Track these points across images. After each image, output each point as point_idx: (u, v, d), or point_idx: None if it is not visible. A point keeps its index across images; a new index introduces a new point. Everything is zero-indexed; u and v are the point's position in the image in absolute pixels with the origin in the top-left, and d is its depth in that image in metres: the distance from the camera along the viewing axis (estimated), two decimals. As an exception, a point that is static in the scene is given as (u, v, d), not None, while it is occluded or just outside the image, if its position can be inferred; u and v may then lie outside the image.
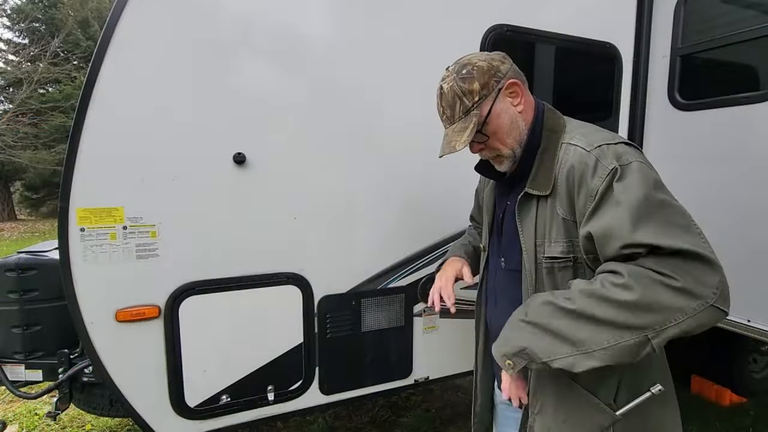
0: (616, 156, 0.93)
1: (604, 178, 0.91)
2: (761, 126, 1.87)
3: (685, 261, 0.84)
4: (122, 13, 1.41)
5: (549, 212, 1.02)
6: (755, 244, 1.88)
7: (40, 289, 1.91)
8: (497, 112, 1.06)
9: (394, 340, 1.95)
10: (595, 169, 0.93)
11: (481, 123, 1.05)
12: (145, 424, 1.59)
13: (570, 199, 0.98)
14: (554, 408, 1.03)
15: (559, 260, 1.01)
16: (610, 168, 0.91)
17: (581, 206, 0.95)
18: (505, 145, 1.08)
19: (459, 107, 1.05)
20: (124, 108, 1.46)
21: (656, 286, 0.83)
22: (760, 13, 1.92)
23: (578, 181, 0.95)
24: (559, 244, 1.00)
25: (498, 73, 1.05)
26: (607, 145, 0.95)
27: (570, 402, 1.01)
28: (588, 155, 0.95)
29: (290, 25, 1.65)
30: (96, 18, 15.19)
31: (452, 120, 1.08)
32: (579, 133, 1.03)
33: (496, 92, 1.05)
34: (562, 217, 0.99)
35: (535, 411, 1.07)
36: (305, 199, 1.73)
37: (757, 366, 3.05)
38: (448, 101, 1.07)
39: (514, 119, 1.07)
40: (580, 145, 0.98)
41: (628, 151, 0.95)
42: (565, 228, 0.99)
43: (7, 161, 13.31)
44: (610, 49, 2.23)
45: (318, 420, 2.79)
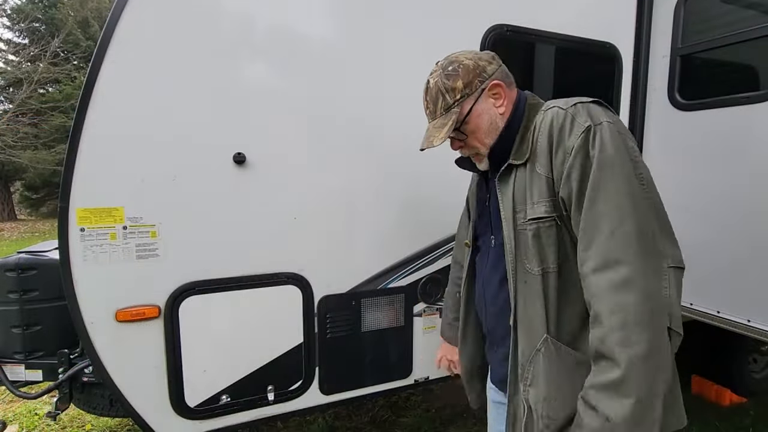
0: (589, 114, 0.96)
1: (579, 136, 0.94)
2: (761, 126, 1.87)
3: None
4: (122, 13, 1.42)
5: (528, 176, 1.03)
6: (755, 244, 1.88)
7: (40, 289, 1.91)
8: (477, 112, 1.08)
9: (394, 340, 1.95)
10: (571, 126, 0.96)
11: (459, 121, 1.08)
12: (145, 424, 1.59)
13: (549, 156, 1.00)
14: (545, 375, 1.02)
15: (544, 219, 1.01)
16: (585, 126, 0.94)
17: (558, 164, 0.98)
18: (483, 144, 1.11)
19: (441, 103, 1.08)
20: (124, 108, 1.46)
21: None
22: (760, 13, 1.92)
23: (556, 137, 0.98)
24: (541, 204, 1.01)
25: (483, 73, 1.07)
26: (582, 104, 0.99)
27: (560, 366, 1.01)
28: (564, 113, 0.98)
29: (290, 25, 1.65)
30: (96, 18, 15.21)
31: (434, 115, 1.10)
32: (554, 101, 1.06)
33: (479, 92, 1.07)
34: (544, 177, 1.00)
35: (528, 383, 1.05)
36: (305, 199, 1.73)
37: (757, 366, 3.05)
38: (432, 96, 1.10)
39: (493, 120, 1.09)
40: (557, 105, 1.02)
41: (600, 110, 0.98)
42: (546, 187, 1.00)
43: (7, 161, 13.32)
44: (610, 49, 2.23)
45: (318, 420, 2.79)
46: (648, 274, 0.88)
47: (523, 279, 1.05)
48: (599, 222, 0.91)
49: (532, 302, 1.04)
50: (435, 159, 1.93)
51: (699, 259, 2.08)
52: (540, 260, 1.02)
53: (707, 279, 2.06)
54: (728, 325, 1.96)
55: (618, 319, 0.87)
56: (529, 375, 1.05)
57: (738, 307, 1.94)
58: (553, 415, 1.00)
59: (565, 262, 1.01)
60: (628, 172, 0.93)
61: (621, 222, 0.89)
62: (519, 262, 1.06)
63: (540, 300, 1.02)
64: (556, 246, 1.01)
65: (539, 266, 1.02)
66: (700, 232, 2.08)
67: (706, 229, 2.06)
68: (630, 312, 0.86)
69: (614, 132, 0.94)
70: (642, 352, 0.85)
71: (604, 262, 0.90)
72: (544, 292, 1.02)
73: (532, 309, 1.04)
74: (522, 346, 1.06)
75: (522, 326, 1.06)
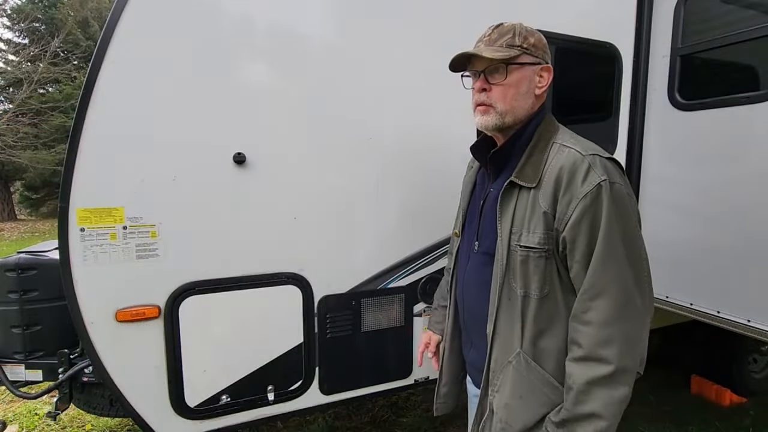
0: (605, 170, 1.00)
1: (593, 186, 0.98)
2: (761, 126, 1.87)
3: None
4: (122, 13, 1.41)
5: (530, 203, 1.06)
6: (755, 244, 1.88)
7: (40, 289, 1.90)
8: (525, 73, 1.09)
9: (394, 340, 1.95)
10: (586, 175, 0.99)
11: (510, 62, 1.07)
12: (145, 424, 1.59)
13: (555, 195, 1.03)
14: (512, 385, 1.10)
15: (535, 250, 1.05)
16: (600, 180, 0.98)
17: (563, 205, 1.01)
18: (504, 101, 1.10)
19: (507, 38, 1.08)
20: (124, 108, 1.46)
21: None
22: (760, 13, 1.92)
23: (567, 179, 1.01)
24: (536, 235, 1.05)
25: (547, 56, 1.13)
26: (600, 157, 1.02)
27: (527, 380, 1.08)
28: (582, 159, 1.01)
29: (290, 25, 1.65)
30: (96, 18, 15.21)
31: (491, 43, 1.09)
32: (572, 138, 1.09)
33: (537, 61, 1.10)
34: (543, 210, 1.04)
35: (495, 389, 1.13)
36: (305, 199, 1.73)
37: (757, 366, 3.05)
38: (501, 30, 1.10)
39: (528, 93, 1.11)
40: (576, 149, 1.04)
41: (615, 171, 1.03)
42: (545, 221, 1.04)
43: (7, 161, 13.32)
44: (610, 49, 2.23)
45: (318, 420, 2.79)
46: (639, 331, 1.01)
47: (507, 296, 1.11)
48: (612, 281, 0.98)
49: (511, 319, 1.11)
50: (435, 159, 1.93)
51: (699, 259, 2.09)
52: (524, 284, 1.08)
53: (707, 279, 2.06)
54: (728, 325, 1.96)
55: (612, 366, 0.97)
56: (498, 382, 1.13)
57: (738, 307, 1.94)
58: (511, 421, 1.09)
59: (551, 293, 1.07)
60: (634, 236, 1.01)
61: (629, 286, 0.99)
62: (507, 280, 1.11)
63: (519, 320, 1.09)
64: (540, 276, 1.06)
65: (522, 289, 1.08)
66: (700, 232, 2.08)
67: (706, 228, 2.06)
68: (611, 360, 0.97)
69: (625, 195, 1.01)
70: (626, 393, 0.98)
71: (611, 319, 0.98)
72: (522, 314, 1.09)
73: (509, 325, 1.11)
74: (496, 354, 1.14)
75: (498, 337, 1.13)
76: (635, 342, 1.00)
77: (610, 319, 0.98)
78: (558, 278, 1.07)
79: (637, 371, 1.01)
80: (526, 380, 1.08)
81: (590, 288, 1.00)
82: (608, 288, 0.98)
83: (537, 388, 1.08)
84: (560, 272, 1.06)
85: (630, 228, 1.01)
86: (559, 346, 1.07)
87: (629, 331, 0.98)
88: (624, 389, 0.98)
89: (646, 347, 1.03)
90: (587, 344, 1.00)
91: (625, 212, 1.00)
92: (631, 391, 0.99)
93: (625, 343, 0.97)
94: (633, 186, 2.34)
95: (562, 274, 1.06)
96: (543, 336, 1.08)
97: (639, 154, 2.33)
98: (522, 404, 1.08)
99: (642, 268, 1.02)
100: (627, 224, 1.00)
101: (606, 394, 0.97)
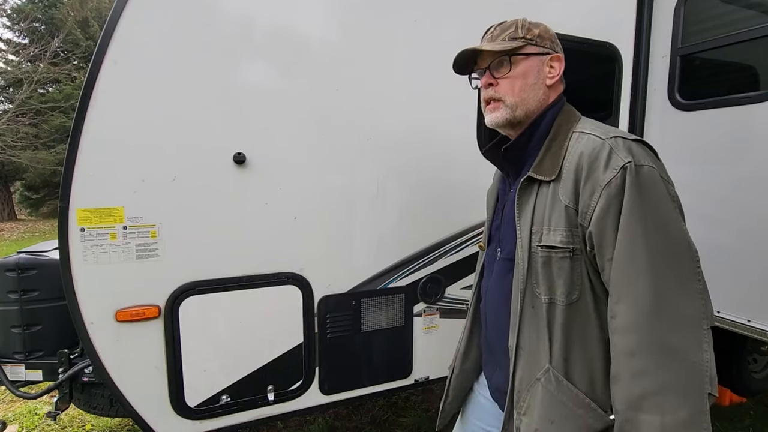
0: (630, 151, 0.88)
1: (616, 171, 0.86)
2: (761, 126, 1.87)
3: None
4: (122, 13, 1.41)
5: (550, 199, 0.96)
6: (755, 244, 1.88)
7: (40, 289, 1.91)
8: (531, 63, 1.03)
9: (394, 340, 1.95)
10: (608, 159, 0.88)
11: (514, 53, 1.02)
12: (145, 424, 1.59)
13: (576, 186, 0.92)
14: (541, 406, 0.96)
15: (558, 250, 0.94)
16: (623, 162, 0.86)
17: (586, 196, 0.90)
18: (513, 94, 1.03)
19: (510, 32, 1.03)
20: (124, 108, 1.46)
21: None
22: (760, 13, 1.92)
23: (588, 167, 0.91)
24: (558, 233, 0.94)
25: (556, 45, 1.06)
26: (624, 139, 0.91)
27: (559, 401, 0.95)
28: (602, 143, 0.91)
29: (291, 25, 1.65)
30: (96, 18, 15.21)
31: (494, 39, 1.05)
32: (593, 125, 1.00)
33: (545, 51, 1.04)
34: (565, 205, 0.93)
35: (522, 412, 1.00)
36: (305, 199, 1.73)
37: (757, 366, 3.05)
38: (504, 25, 1.05)
39: (538, 83, 1.04)
40: (594, 134, 0.94)
41: (642, 152, 0.90)
42: (566, 216, 0.93)
43: (7, 161, 13.32)
44: (610, 49, 2.23)
45: (318, 420, 2.79)
46: (685, 340, 0.83)
47: (530, 303, 1.00)
48: (635, 280, 0.84)
49: (536, 330, 0.98)
50: (435, 160, 1.93)
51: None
52: (548, 288, 0.96)
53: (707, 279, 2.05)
54: (728, 325, 1.96)
55: (650, 383, 0.82)
56: (524, 404, 1.00)
57: (738, 307, 1.94)
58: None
59: (581, 299, 0.94)
60: (670, 226, 0.86)
61: (661, 284, 0.83)
62: (529, 285, 0.99)
63: (545, 330, 0.96)
64: (567, 280, 0.94)
65: (547, 295, 0.96)
66: (699, 231, 2.07)
67: (707, 229, 2.05)
68: (663, 376, 0.81)
69: (657, 178, 0.87)
70: (684, 418, 0.80)
71: (637, 325, 0.83)
72: (548, 323, 0.96)
73: (536, 336, 0.98)
74: (521, 373, 1.01)
75: (523, 352, 1.01)
76: (682, 355, 0.81)
77: (636, 325, 0.83)
78: (588, 282, 0.94)
79: (708, 392, 0.82)
80: (557, 401, 0.94)
81: (615, 289, 0.87)
82: (633, 288, 0.84)
83: (571, 410, 0.93)
84: (590, 275, 0.93)
85: (663, 215, 0.85)
86: (593, 361, 0.94)
87: (666, 340, 0.81)
88: (678, 415, 0.79)
89: (710, 363, 0.83)
90: (615, 356, 0.87)
91: (656, 197, 0.85)
92: (697, 417, 0.81)
93: (661, 355, 0.81)
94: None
95: (592, 276, 0.93)
96: (574, 349, 0.94)
97: (639, 154, 2.33)
98: (554, 430, 0.94)
99: (683, 263, 0.85)
100: (659, 211, 0.85)
101: (656, 420, 0.80)
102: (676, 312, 0.83)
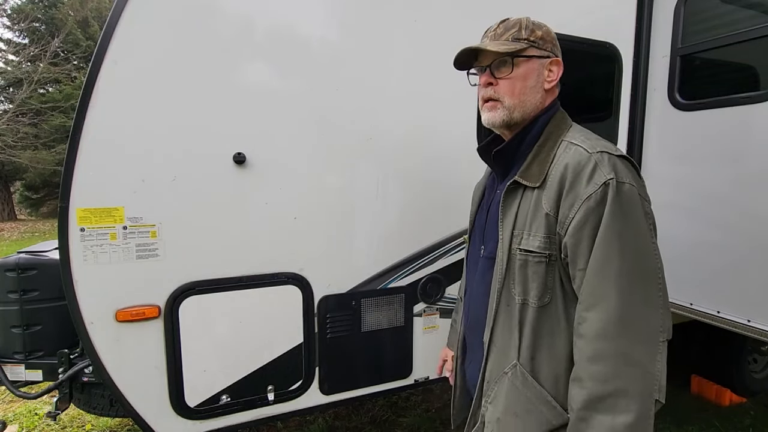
0: (614, 168, 0.92)
1: (598, 186, 0.90)
2: (761, 126, 1.87)
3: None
4: (122, 13, 1.41)
5: (533, 205, 1.00)
6: (755, 244, 1.88)
7: (40, 289, 1.90)
8: (533, 66, 1.04)
9: (394, 340, 1.95)
10: (592, 174, 0.92)
11: (516, 55, 1.02)
12: (145, 424, 1.59)
13: (558, 196, 0.96)
14: (506, 399, 1.03)
15: (535, 254, 0.99)
16: (606, 178, 0.90)
17: (566, 207, 0.94)
18: (512, 95, 1.05)
19: (513, 32, 1.03)
20: (125, 108, 1.46)
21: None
22: (760, 13, 1.92)
23: (571, 179, 0.94)
24: (537, 238, 0.98)
25: (557, 49, 1.07)
26: (609, 155, 0.94)
27: (523, 396, 1.01)
28: (589, 157, 0.94)
29: (291, 25, 1.65)
30: (96, 18, 15.21)
31: (497, 37, 1.05)
32: (582, 135, 1.02)
33: (546, 54, 1.05)
34: (546, 212, 0.97)
35: (489, 400, 1.08)
36: (305, 199, 1.73)
37: (757, 366, 3.05)
38: (507, 24, 1.05)
39: (537, 87, 1.05)
40: (582, 146, 0.97)
41: (625, 170, 0.94)
42: (546, 223, 0.97)
43: (7, 161, 13.33)
44: (610, 49, 2.23)
45: (318, 420, 2.79)
46: (644, 351, 0.89)
47: (506, 302, 1.06)
48: (607, 292, 0.89)
49: (509, 327, 1.05)
50: (435, 160, 1.93)
51: (699, 259, 2.08)
52: (523, 290, 1.02)
53: (707, 279, 2.06)
54: (728, 325, 1.96)
55: (608, 387, 0.88)
56: (492, 393, 1.07)
57: (738, 307, 1.94)
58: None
59: (552, 303, 1.00)
60: (643, 244, 0.91)
61: (629, 299, 0.88)
62: (506, 285, 1.05)
63: (516, 328, 1.03)
64: (541, 283, 0.99)
65: (521, 296, 1.02)
66: (700, 232, 2.08)
67: (706, 229, 2.05)
68: (603, 378, 0.88)
69: (636, 197, 0.91)
70: (631, 421, 0.85)
71: (604, 333, 0.89)
72: (520, 323, 1.02)
73: (507, 334, 1.05)
74: (491, 365, 1.08)
75: (495, 347, 1.08)
76: (640, 366, 0.88)
77: (603, 333, 0.88)
78: (561, 287, 0.99)
79: (656, 399, 0.89)
80: (522, 396, 1.01)
81: (586, 297, 0.92)
82: (604, 299, 0.89)
83: (534, 405, 1.00)
84: (563, 281, 0.99)
85: (637, 233, 0.91)
86: (558, 361, 0.99)
87: (631, 352, 0.87)
88: (627, 417, 0.85)
89: (661, 373, 0.89)
90: (578, 359, 0.92)
91: (633, 215, 0.90)
92: (643, 420, 0.86)
93: (623, 363, 0.87)
94: (633, 186, 2.34)
95: (565, 283, 0.99)
96: (542, 349, 1.00)
97: (639, 154, 2.33)
98: (516, 423, 1.01)
99: (650, 280, 0.91)
100: (634, 229, 0.90)
101: (607, 421, 0.86)
102: (639, 326, 0.89)
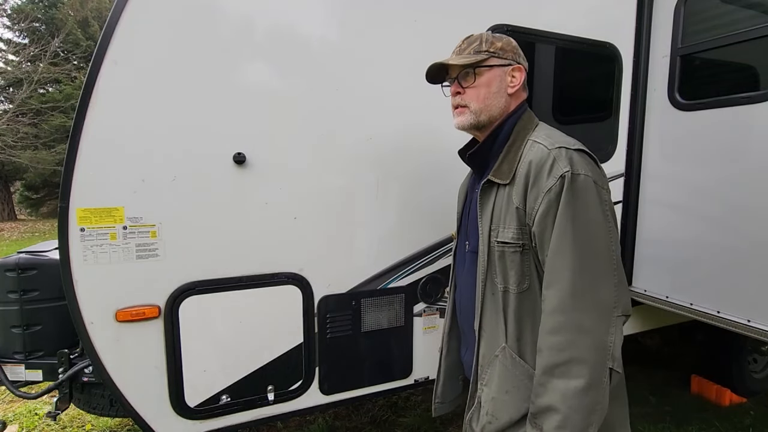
0: (570, 161, 1.02)
1: (556, 179, 1.01)
2: (761, 126, 1.87)
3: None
4: (122, 13, 1.42)
5: (506, 200, 1.12)
6: (755, 243, 1.88)
7: (40, 289, 1.90)
8: (495, 73, 1.16)
9: (394, 340, 1.95)
10: (551, 168, 1.03)
11: (478, 65, 1.15)
12: (145, 424, 1.59)
13: (525, 191, 1.07)
14: (498, 379, 1.13)
15: (510, 245, 1.10)
16: (563, 171, 1.01)
17: (532, 200, 1.06)
18: (478, 101, 1.17)
19: (475, 45, 1.17)
20: (125, 108, 1.46)
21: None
22: (760, 13, 1.92)
23: (534, 175, 1.05)
24: (510, 230, 1.10)
25: (518, 57, 1.19)
26: (566, 149, 1.05)
27: (513, 374, 1.11)
28: (548, 153, 1.05)
29: (291, 25, 1.65)
30: (96, 18, 15.22)
31: (461, 52, 1.19)
32: (545, 133, 1.13)
33: (507, 63, 1.16)
34: (516, 206, 1.09)
35: (484, 383, 1.17)
36: (305, 199, 1.73)
37: (757, 366, 3.05)
38: (470, 40, 1.19)
39: (500, 92, 1.17)
40: (543, 143, 1.08)
41: (581, 161, 1.04)
42: (517, 216, 1.08)
43: (7, 161, 13.33)
44: (610, 49, 2.23)
45: (318, 420, 2.79)
46: (597, 322, 0.99)
47: (491, 291, 1.16)
48: (561, 270, 1.00)
49: (495, 314, 1.15)
50: (435, 160, 1.93)
51: (699, 258, 2.08)
52: (503, 279, 1.12)
53: (707, 279, 2.06)
54: (728, 325, 1.96)
55: (564, 355, 0.99)
56: (486, 376, 1.17)
57: (738, 307, 1.94)
58: (498, 415, 1.12)
59: (531, 288, 1.10)
60: (595, 227, 1.01)
61: (581, 275, 0.99)
62: (489, 275, 1.16)
63: (501, 314, 1.13)
64: (518, 271, 1.10)
65: (502, 284, 1.13)
66: (699, 231, 2.08)
67: (706, 228, 2.05)
68: (560, 348, 0.99)
69: (590, 185, 1.02)
70: (583, 385, 0.96)
71: (560, 307, 0.99)
72: (504, 308, 1.13)
73: (495, 320, 1.15)
74: (483, 350, 1.18)
75: (485, 333, 1.18)
76: (591, 334, 0.98)
77: (559, 307, 0.99)
78: (536, 273, 1.09)
79: (610, 368, 0.99)
80: (511, 375, 1.11)
81: (546, 276, 1.03)
82: (560, 277, 1.00)
83: (522, 382, 1.10)
84: (538, 267, 1.09)
85: (590, 217, 1.01)
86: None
87: (584, 322, 0.98)
88: (579, 381, 0.96)
89: (615, 345, 1.00)
90: (540, 332, 1.03)
91: (585, 202, 1.01)
92: (595, 386, 0.97)
93: (576, 333, 0.97)
94: (633, 186, 2.34)
95: (539, 268, 1.09)
96: (525, 331, 1.11)
97: (639, 154, 2.33)
98: (508, 398, 1.11)
99: (603, 259, 1.01)
100: (587, 214, 1.01)
101: (561, 385, 0.97)
102: (591, 298, 0.99)
